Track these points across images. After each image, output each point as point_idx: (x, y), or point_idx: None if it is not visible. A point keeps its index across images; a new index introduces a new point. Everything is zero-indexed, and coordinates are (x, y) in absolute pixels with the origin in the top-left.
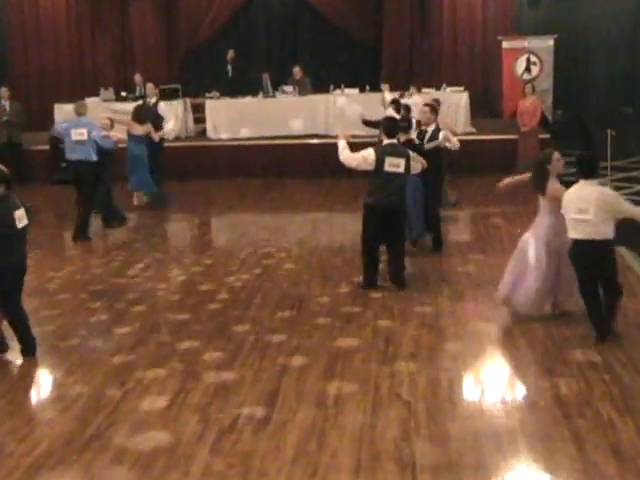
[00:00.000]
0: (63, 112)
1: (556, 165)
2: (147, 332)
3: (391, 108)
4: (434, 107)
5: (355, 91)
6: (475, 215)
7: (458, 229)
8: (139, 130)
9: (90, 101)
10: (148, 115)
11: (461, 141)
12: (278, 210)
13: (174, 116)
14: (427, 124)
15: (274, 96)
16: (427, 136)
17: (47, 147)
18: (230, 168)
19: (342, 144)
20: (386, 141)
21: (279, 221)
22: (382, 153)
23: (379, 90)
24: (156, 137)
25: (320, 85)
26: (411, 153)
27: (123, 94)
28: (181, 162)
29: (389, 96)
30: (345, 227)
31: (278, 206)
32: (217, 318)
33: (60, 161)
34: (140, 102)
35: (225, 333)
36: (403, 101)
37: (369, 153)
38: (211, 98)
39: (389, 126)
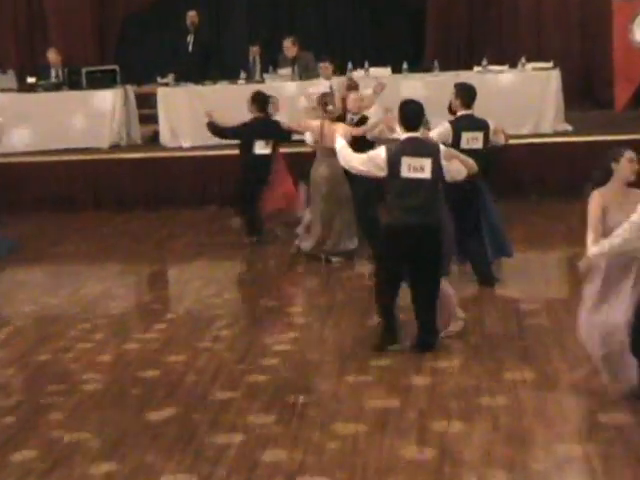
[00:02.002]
0: None
1: (625, 167)
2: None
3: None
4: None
5: (386, 71)
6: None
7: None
8: None
9: None
10: None
11: (544, 146)
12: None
13: (111, 112)
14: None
15: (262, 81)
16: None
17: None
18: (194, 191)
19: (341, 143)
20: (404, 135)
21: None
22: (397, 152)
23: (426, 69)
24: None
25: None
26: (446, 150)
27: (31, 80)
28: (118, 184)
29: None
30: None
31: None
32: (176, 422)
33: None
34: None
35: (191, 445)
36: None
37: (378, 153)
38: (165, 85)
39: (409, 113)
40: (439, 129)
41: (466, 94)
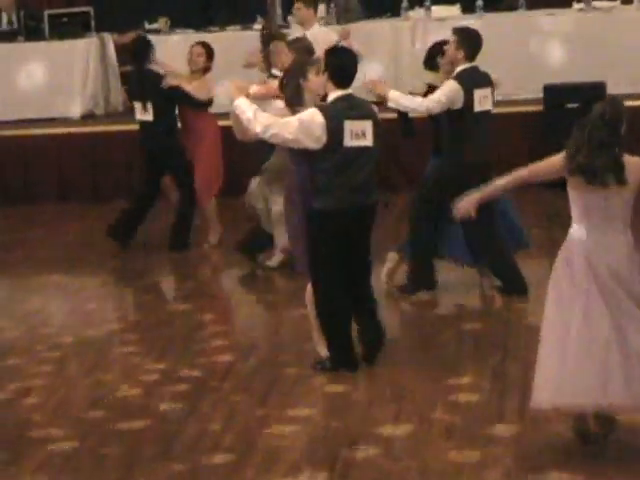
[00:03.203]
0: None
1: None
2: None
3: None
4: None
5: (453, 10)
6: None
7: None
8: None
9: None
10: None
11: None
12: None
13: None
14: None
15: (286, 25)
16: None
17: None
18: None
19: (246, 104)
20: (335, 93)
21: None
22: (336, 115)
23: (508, 7)
24: None
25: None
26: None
27: None
28: (92, 166)
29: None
30: None
31: None
32: None
33: None
34: None
35: None
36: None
37: (311, 116)
38: (156, 32)
39: (343, 65)
40: (444, 90)
41: (472, 42)
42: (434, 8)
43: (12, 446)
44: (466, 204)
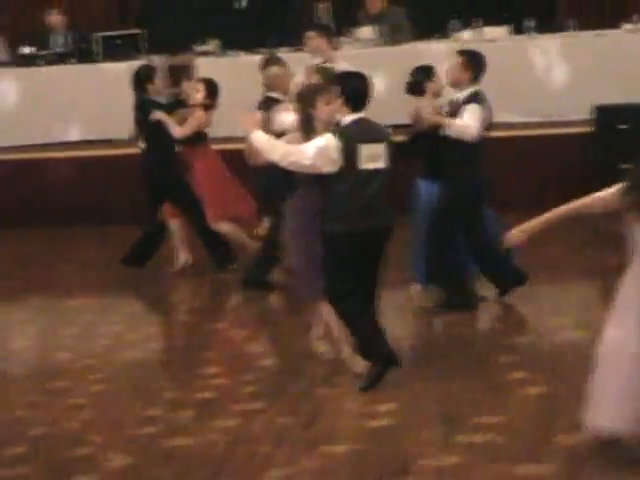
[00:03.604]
0: None
1: None
2: None
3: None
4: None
5: (503, 31)
6: None
7: None
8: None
9: None
10: None
11: None
12: None
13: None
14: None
15: (335, 47)
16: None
17: None
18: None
19: (261, 135)
20: (351, 117)
21: None
22: (350, 138)
23: (558, 28)
24: None
25: (426, 23)
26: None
27: (26, 50)
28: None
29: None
30: None
31: None
32: None
33: None
34: None
35: None
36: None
37: (326, 142)
38: (207, 55)
39: (356, 89)
40: (475, 114)
41: (479, 64)
42: (485, 29)
43: (63, 466)
44: (520, 233)
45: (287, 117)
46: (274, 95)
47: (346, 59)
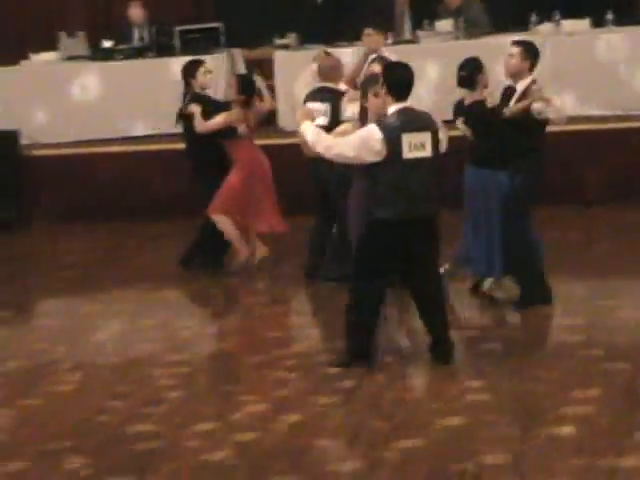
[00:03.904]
0: None
1: None
2: None
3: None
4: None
5: (583, 24)
6: None
7: None
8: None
9: (40, 59)
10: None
11: None
12: None
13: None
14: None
15: (415, 40)
16: (516, 96)
17: None
18: None
19: (309, 127)
20: (395, 106)
21: None
22: (394, 128)
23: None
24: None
25: (504, 16)
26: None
27: (106, 44)
28: None
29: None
30: None
31: None
32: None
33: None
34: None
35: None
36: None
37: (370, 132)
38: (285, 48)
39: (400, 79)
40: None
41: (536, 54)
42: (564, 22)
43: (139, 462)
44: None
45: (354, 107)
46: (328, 85)
47: (425, 52)
